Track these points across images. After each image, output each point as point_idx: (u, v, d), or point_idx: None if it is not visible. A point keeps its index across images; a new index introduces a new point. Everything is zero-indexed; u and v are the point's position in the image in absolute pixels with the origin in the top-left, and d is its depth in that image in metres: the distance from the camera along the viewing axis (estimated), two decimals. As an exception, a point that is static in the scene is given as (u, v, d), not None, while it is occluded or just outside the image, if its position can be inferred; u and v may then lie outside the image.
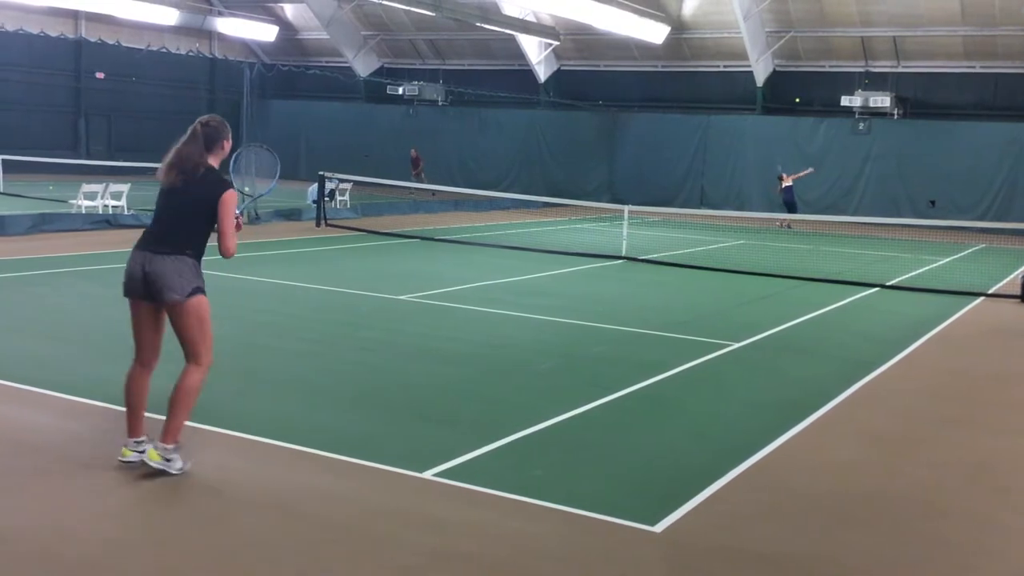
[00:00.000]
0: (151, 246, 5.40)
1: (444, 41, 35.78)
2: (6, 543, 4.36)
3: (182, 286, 5.39)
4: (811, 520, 5.16)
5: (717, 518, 5.08)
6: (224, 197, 5.41)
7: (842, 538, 4.95)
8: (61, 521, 4.63)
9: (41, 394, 6.62)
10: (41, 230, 16.11)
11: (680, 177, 31.19)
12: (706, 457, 6.11)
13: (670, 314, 11.42)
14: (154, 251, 5.37)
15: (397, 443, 6.04)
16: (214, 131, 5.52)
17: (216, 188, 5.44)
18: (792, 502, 5.41)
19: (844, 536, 4.97)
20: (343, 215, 21.89)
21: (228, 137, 5.62)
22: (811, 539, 4.91)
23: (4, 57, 31.12)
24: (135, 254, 5.40)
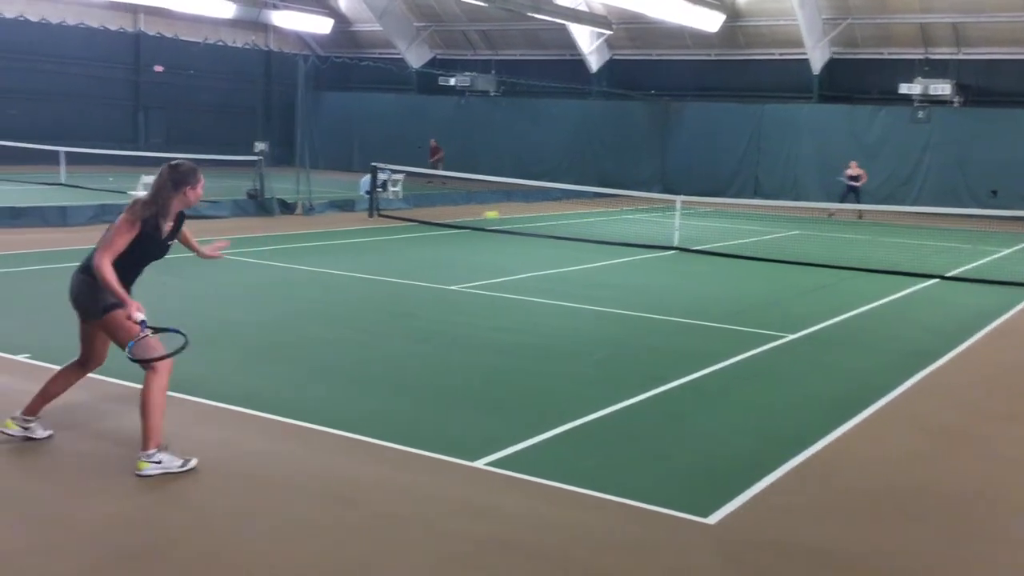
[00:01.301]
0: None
1: (496, 31, 35.77)
2: (63, 526, 4.48)
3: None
4: (866, 515, 5.10)
5: (771, 511, 5.04)
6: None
7: (897, 533, 4.88)
8: (124, 505, 4.74)
9: (102, 381, 6.77)
10: (102, 220, 16.42)
11: (733, 167, 30.86)
12: (760, 450, 6.06)
13: (723, 305, 11.33)
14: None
15: (449, 432, 6.08)
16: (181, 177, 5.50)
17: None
18: (847, 496, 5.35)
19: (899, 531, 4.90)
20: (395, 206, 22.03)
21: (195, 186, 5.58)
22: (866, 534, 4.85)
23: (66, 51, 31.81)
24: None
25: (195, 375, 7.00)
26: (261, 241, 15.17)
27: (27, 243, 13.55)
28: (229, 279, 11.55)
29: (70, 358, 7.22)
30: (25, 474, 5.19)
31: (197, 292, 10.66)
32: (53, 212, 15.98)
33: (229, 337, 8.50)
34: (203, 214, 18.13)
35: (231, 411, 6.23)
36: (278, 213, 19.34)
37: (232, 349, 8.03)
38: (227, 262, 12.75)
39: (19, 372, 6.94)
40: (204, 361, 7.52)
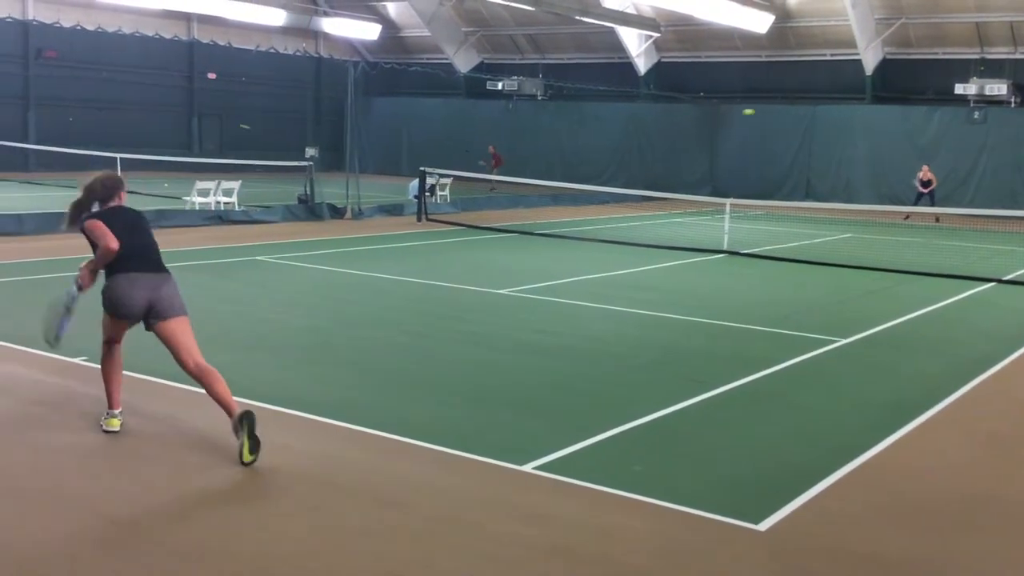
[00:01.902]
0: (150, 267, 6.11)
1: (543, 35, 35.80)
2: (117, 526, 4.56)
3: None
4: (921, 523, 5.01)
5: (823, 518, 4.97)
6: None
7: (953, 542, 4.78)
8: (176, 505, 4.82)
9: (156, 383, 6.89)
10: (158, 226, 16.63)
11: (784, 169, 30.52)
12: (812, 456, 5.98)
13: (774, 309, 11.21)
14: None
15: (497, 436, 6.09)
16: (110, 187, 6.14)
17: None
18: (901, 504, 5.26)
19: (955, 540, 4.81)
20: (443, 210, 22.14)
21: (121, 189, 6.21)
22: (921, 542, 4.76)
23: (122, 59, 32.48)
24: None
25: (247, 378, 7.10)
26: (311, 245, 15.34)
27: (84, 248, 13.83)
28: (278, 283, 11.69)
29: (129, 361, 7.37)
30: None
31: (248, 296, 10.81)
32: (110, 217, 16.27)
33: (277, 340, 8.60)
34: (255, 219, 18.40)
35: (281, 413, 6.30)
36: (328, 217, 19.54)
37: (282, 352, 8.13)
38: (278, 266, 12.94)
39: (79, 375, 7.09)
40: (255, 364, 7.63)
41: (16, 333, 8.14)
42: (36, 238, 14.73)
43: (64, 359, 7.41)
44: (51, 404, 6.40)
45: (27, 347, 7.73)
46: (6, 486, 4.99)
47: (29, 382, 6.88)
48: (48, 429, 5.92)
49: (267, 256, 13.80)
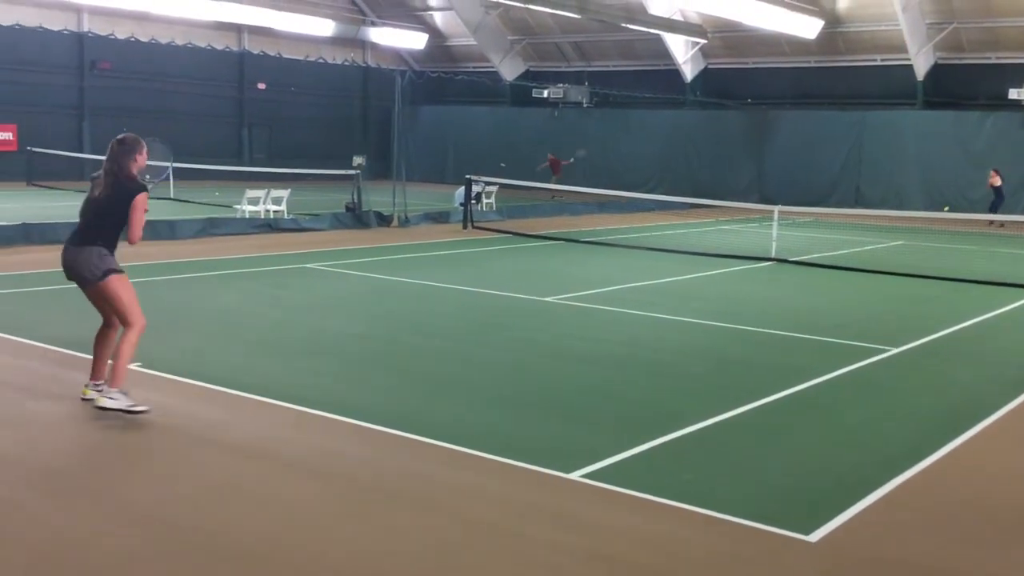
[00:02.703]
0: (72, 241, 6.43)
1: (589, 43, 35.80)
2: (168, 529, 4.64)
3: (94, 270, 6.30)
4: (975, 534, 4.91)
5: (876, 529, 4.90)
6: (137, 198, 6.31)
7: (1009, 554, 4.68)
8: (224, 509, 4.89)
9: (207, 388, 7.00)
10: (209, 233, 17.03)
11: (834, 176, 30.16)
12: (863, 466, 5.89)
13: (823, 317, 11.07)
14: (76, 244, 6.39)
15: (545, 443, 6.09)
16: (130, 145, 6.41)
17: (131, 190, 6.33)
18: (955, 515, 5.16)
19: (1011, 552, 4.71)
20: (489, 217, 22.20)
21: (141, 150, 6.46)
22: (975, 554, 4.67)
23: (174, 70, 33.07)
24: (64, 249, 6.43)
25: (294, 384, 7.18)
26: (358, 253, 15.48)
27: (138, 255, 14.08)
28: (327, 290, 11.81)
29: (179, 366, 7.52)
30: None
31: (297, 303, 10.93)
32: (163, 226, 16.58)
33: (326, 346, 8.69)
34: (304, 227, 18.60)
35: (328, 419, 6.35)
36: (375, 225, 19.69)
37: (329, 358, 8.21)
38: (326, 273, 13.07)
39: (133, 380, 7.20)
40: (303, 371, 7.71)
41: (73, 339, 8.31)
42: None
43: (119, 364, 7.54)
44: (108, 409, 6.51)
45: (85, 353, 7.88)
46: (70, 487, 5.10)
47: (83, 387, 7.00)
48: (103, 432, 6.04)
49: (315, 264, 13.95)
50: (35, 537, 4.49)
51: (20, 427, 6.11)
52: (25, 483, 5.15)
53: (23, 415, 6.36)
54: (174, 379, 7.20)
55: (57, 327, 8.88)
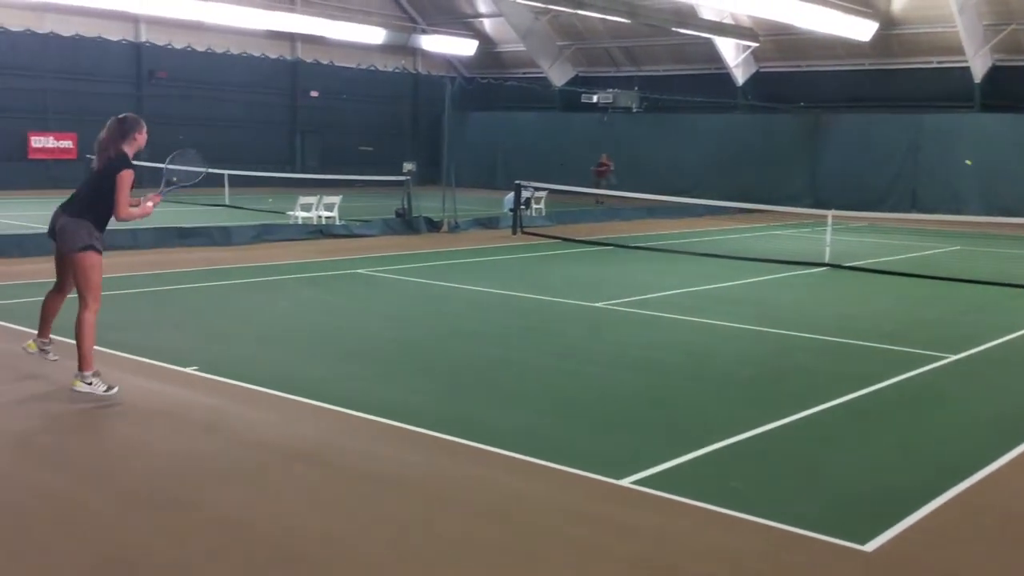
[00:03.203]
0: (66, 208, 6.87)
1: (639, 47, 35.69)
2: (225, 531, 4.73)
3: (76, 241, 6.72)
4: (1039, 547, 4.81)
5: (933, 539, 4.82)
6: (121, 175, 6.74)
7: (1075, 568, 4.58)
8: (280, 511, 4.97)
9: (263, 393, 7.11)
10: (262, 239, 17.28)
11: (889, 180, 29.68)
12: (920, 475, 5.81)
13: (878, 324, 10.91)
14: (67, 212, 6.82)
15: (594, 449, 6.09)
16: (128, 125, 6.93)
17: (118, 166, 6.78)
18: (1016, 526, 5.06)
19: (1077, 566, 4.60)
20: (538, 223, 22.21)
21: (140, 131, 6.99)
22: (1039, 567, 4.58)
23: (229, 78, 33.63)
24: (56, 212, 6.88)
25: (346, 388, 7.27)
26: (409, 259, 15.60)
27: (195, 261, 14.38)
28: (378, 296, 11.92)
29: (236, 370, 7.65)
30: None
31: (344, 307, 11.05)
32: (218, 232, 16.87)
33: (373, 351, 8.77)
34: (355, 233, 18.80)
35: (377, 423, 6.41)
36: (425, 231, 19.82)
37: (380, 363, 8.29)
38: (377, 279, 13.20)
39: (190, 384, 7.36)
40: (353, 375, 7.80)
41: (133, 344, 8.50)
42: (150, 251, 15.34)
43: (177, 369, 7.70)
44: (165, 412, 6.65)
45: (144, 358, 8.06)
46: (132, 489, 5.22)
47: (145, 391, 7.16)
48: (164, 435, 6.17)
49: (366, 269, 14.09)
50: (99, 537, 4.60)
51: (81, 431, 6.26)
52: (94, 488, 5.28)
53: (87, 417, 6.52)
54: (231, 383, 7.32)
55: (122, 333, 9.08)
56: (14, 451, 5.79)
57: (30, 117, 29.29)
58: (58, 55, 29.57)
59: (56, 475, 5.41)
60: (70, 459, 5.68)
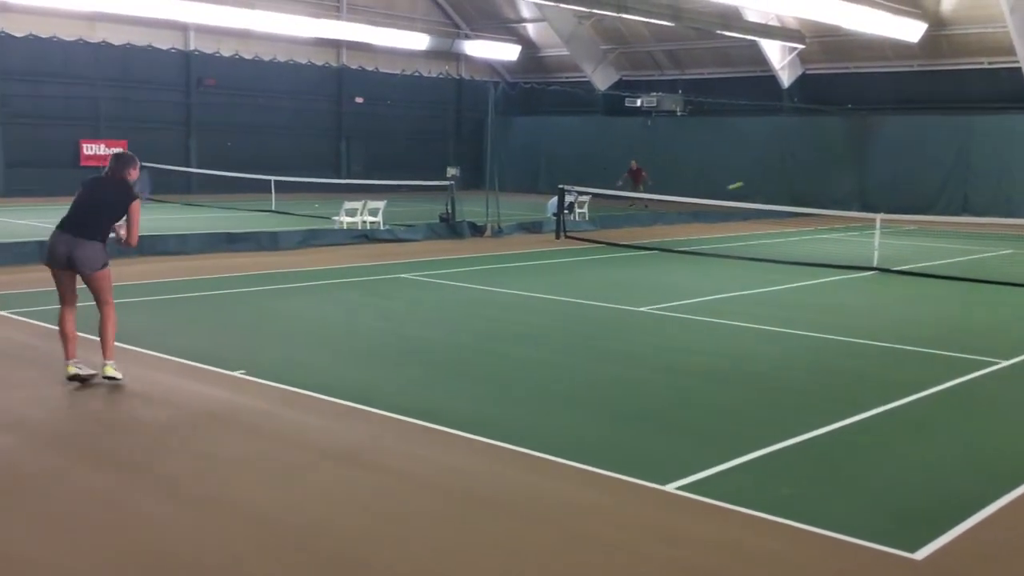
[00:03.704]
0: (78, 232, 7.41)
1: (683, 51, 35.51)
2: (275, 533, 4.78)
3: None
4: (1096, 557, 4.70)
5: (985, 548, 4.74)
6: (136, 204, 7.53)
7: None
8: (328, 514, 5.02)
9: (310, 396, 7.18)
10: (309, 244, 17.46)
11: (939, 183, 29.20)
12: (972, 482, 5.70)
13: (928, 328, 10.74)
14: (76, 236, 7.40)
15: (638, 454, 6.07)
16: (126, 161, 7.65)
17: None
18: (1073, 536, 4.95)
19: None
20: (582, 227, 22.19)
21: (135, 166, 7.67)
22: (1096, 578, 4.48)
23: (276, 86, 34.05)
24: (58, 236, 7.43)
25: (393, 393, 7.32)
26: (453, 263, 15.66)
27: (243, 266, 14.57)
28: (423, 300, 11.99)
29: (283, 374, 7.75)
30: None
31: (389, 311, 11.12)
32: (266, 237, 17.08)
33: (417, 354, 8.82)
34: (399, 237, 18.92)
35: (424, 427, 6.45)
36: (468, 235, 19.89)
37: (426, 368, 8.33)
38: (422, 283, 13.27)
39: (238, 387, 7.46)
40: (401, 379, 7.85)
41: (183, 347, 8.64)
42: (199, 257, 15.58)
43: (225, 372, 7.81)
44: (214, 415, 6.75)
45: (193, 361, 8.18)
46: (181, 493, 5.31)
47: (194, 394, 7.27)
48: (213, 438, 6.26)
49: (411, 274, 14.17)
50: (149, 536, 4.68)
51: (132, 433, 6.38)
52: (145, 490, 5.38)
53: (138, 420, 6.64)
54: (278, 387, 7.41)
55: (172, 337, 9.23)
56: (62, 451, 5.91)
57: (82, 125, 29.90)
58: (109, 63, 30.17)
59: (105, 475, 5.52)
60: (119, 459, 5.79)
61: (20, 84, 28.60)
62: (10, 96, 28.47)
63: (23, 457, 5.82)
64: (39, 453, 5.90)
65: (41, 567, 4.37)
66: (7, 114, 28.44)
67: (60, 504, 5.06)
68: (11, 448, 5.98)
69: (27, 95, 28.74)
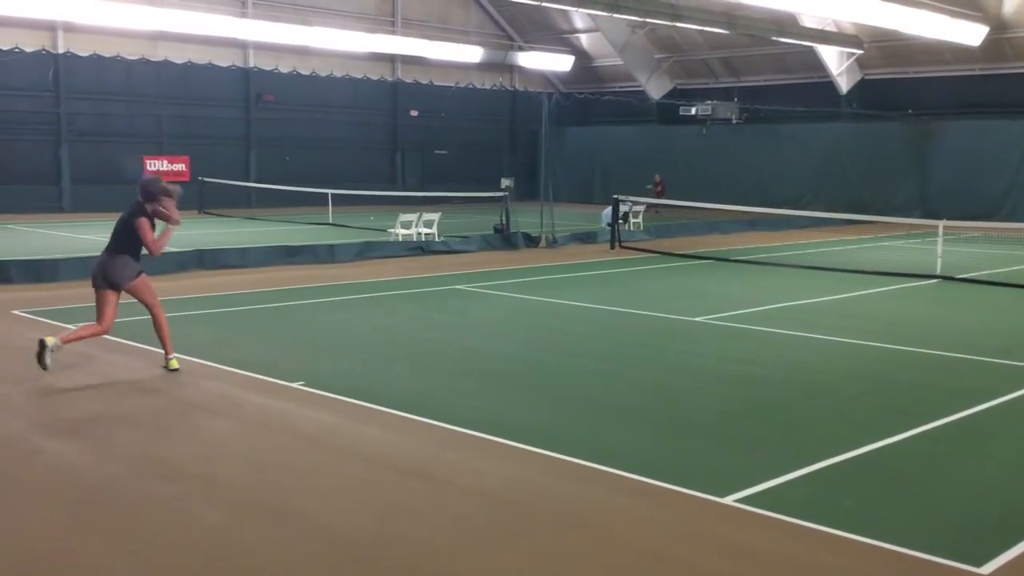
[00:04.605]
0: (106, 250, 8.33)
1: (738, 58, 35.23)
2: (332, 542, 4.84)
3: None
4: None
5: (1055, 564, 4.61)
6: (138, 221, 8.17)
7: None
8: (385, 524, 5.06)
9: (367, 408, 7.25)
10: (365, 256, 17.64)
11: (1003, 188, 28.52)
12: (1040, 496, 5.55)
13: (993, 338, 10.49)
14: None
15: (697, 466, 6.02)
16: (148, 188, 8.36)
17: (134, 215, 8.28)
18: None
19: None
20: (637, 237, 22.10)
21: (165, 194, 8.38)
22: None
23: (332, 100, 34.52)
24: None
25: (450, 404, 7.35)
26: (507, 274, 15.70)
27: (301, 278, 14.78)
28: (478, 311, 12.03)
29: (342, 385, 7.83)
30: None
31: (445, 322, 11.18)
32: (323, 250, 17.30)
33: (473, 365, 8.85)
34: (454, 249, 19.03)
35: (481, 439, 6.47)
36: (523, 246, 19.93)
37: (482, 379, 8.36)
38: (477, 294, 13.32)
39: (297, 399, 7.56)
40: (458, 391, 7.89)
41: (244, 359, 8.78)
42: (258, 270, 15.83)
43: (285, 384, 7.92)
44: (273, 426, 6.85)
45: (254, 373, 8.32)
46: (242, 502, 5.40)
47: (254, 405, 7.39)
48: (273, 448, 6.35)
49: (466, 285, 14.24)
50: (210, 545, 4.77)
51: (194, 443, 6.50)
52: (204, 498, 5.48)
53: (200, 430, 6.77)
54: (337, 398, 7.50)
55: (232, 349, 9.40)
56: (126, 461, 6.05)
57: (146, 141, 30.62)
58: (171, 81, 30.86)
59: (168, 484, 5.63)
60: (181, 469, 5.90)
61: (85, 103, 29.40)
62: (75, 114, 29.27)
63: (83, 465, 5.96)
64: (99, 462, 6.04)
65: (105, 572, 4.47)
66: (73, 132, 29.26)
67: (123, 513, 5.17)
68: (71, 456, 6.14)
69: (91, 113, 29.52)
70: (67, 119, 29.14)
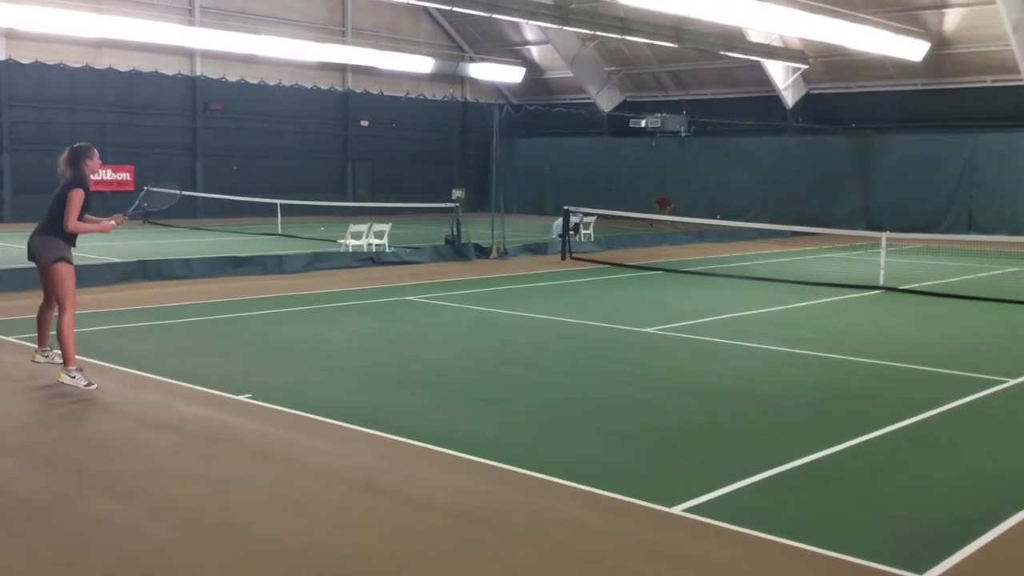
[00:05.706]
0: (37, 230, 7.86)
1: (687, 71, 35.66)
2: (283, 557, 4.77)
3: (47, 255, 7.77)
4: (1107, 578, 4.66)
5: (995, 569, 4.70)
6: (70, 194, 7.69)
7: None
8: (336, 538, 5.00)
9: (316, 420, 7.17)
10: (314, 267, 17.49)
11: (944, 201, 29.21)
12: (982, 502, 5.66)
13: (935, 348, 10.71)
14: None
15: (645, 476, 6.04)
16: (77, 152, 7.82)
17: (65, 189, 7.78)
18: (1084, 557, 4.91)
19: None
20: (587, 248, 22.21)
21: (91, 157, 7.86)
22: (1108, 599, 4.43)
23: (281, 110, 34.24)
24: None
25: (398, 415, 7.31)
26: (458, 285, 15.67)
27: (248, 290, 14.60)
28: (429, 322, 11.98)
29: (290, 398, 7.74)
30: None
31: (399, 335, 11.12)
32: (271, 260, 17.11)
33: (423, 376, 8.81)
34: (405, 260, 18.95)
35: (430, 450, 6.43)
36: (474, 257, 19.92)
37: (431, 390, 8.32)
38: (428, 306, 13.27)
39: (243, 412, 7.45)
40: (405, 402, 7.84)
41: (188, 372, 8.64)
42: (204, 281, 15.61)
43: (231, 396, 7.81)
44: (219, 440, 6.74)
45: (199, 386, 8.19)
46: (188, 519, 5.30)
47: (199, 419, 7.27)
48: (219, 463, 6.25)
49: (417, 296, 14.18)
50: (156, 564, 4.67)
51: (137, 457, 6.37)
52: (149, 515, 5.37)
53: (144, 445, 6.64)
54: (284, 411, 7.40)
55: (177, 361, 9.24)
56: (67, 478, 5.91)
57: (90, 150, 30.04)
58: (116, 89, 30.37)
59: (110, 500, 5.51)
60: (124, 485, 5.78)
61: (27, 111, 28.82)
62: (17, 123, 28.68)
63: (23, 482, 5.81)
64: (40, 477, 5.89)
65: (46, 594, 4.35)
66: (14, 141, 28.64)
67: (63, 530, 5.05)
68: (11, 472, 5.98)
69: (34, 121, 28.94)
70: (8, 128, 28.54)
